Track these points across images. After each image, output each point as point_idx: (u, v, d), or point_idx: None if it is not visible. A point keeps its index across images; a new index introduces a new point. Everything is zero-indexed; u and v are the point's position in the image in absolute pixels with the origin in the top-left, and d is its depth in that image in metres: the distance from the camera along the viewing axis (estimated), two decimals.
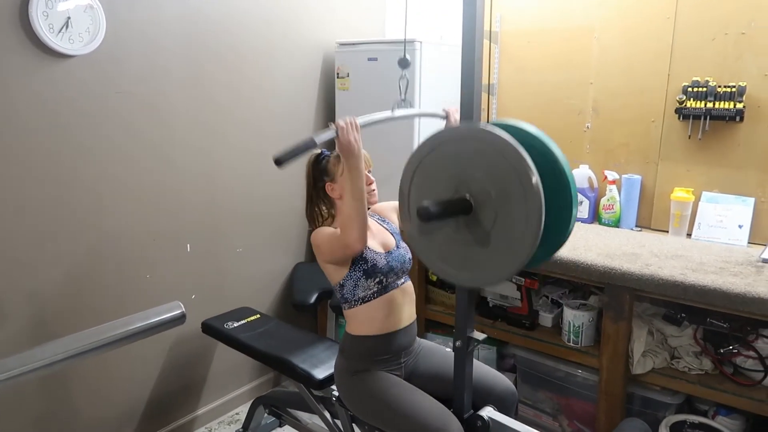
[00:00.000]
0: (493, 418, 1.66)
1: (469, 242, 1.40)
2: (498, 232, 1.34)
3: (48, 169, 1.98)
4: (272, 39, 2.64)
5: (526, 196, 1.27)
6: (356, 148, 1.54)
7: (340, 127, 1.51)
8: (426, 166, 1.45)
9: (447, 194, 1.40)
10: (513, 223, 1.30)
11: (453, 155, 1.39)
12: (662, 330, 2.18)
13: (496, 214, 1.33)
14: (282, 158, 1.40)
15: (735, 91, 2.25)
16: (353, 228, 1.59)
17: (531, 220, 1.26)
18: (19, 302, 1.97)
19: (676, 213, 2.41)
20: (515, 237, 1.30)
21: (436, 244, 1.46)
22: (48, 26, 1.87)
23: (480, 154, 1.34)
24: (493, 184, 1.33)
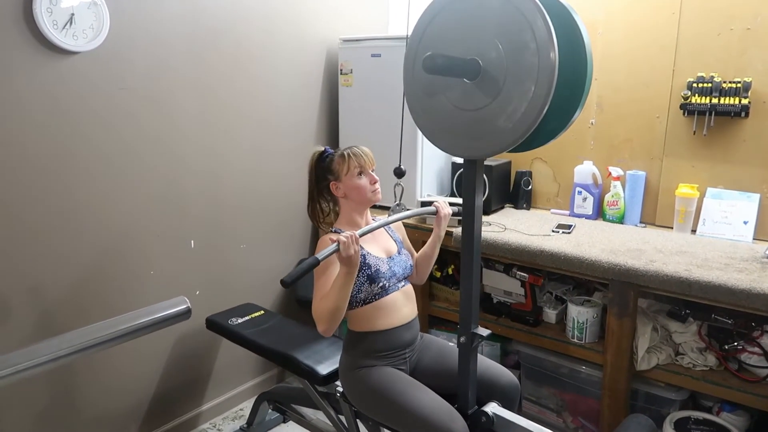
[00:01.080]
0: (498, 414, 1.66)
1: (474, 109, 1.36)
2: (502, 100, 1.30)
3: (53, 165, 1.98)
4: (276, 35, 2.64)
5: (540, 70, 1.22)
6: (356, 261, 1.59)
7: (342, 243, 1.55)
8: (438, 23, 1.41)
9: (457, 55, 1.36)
10: (521, 93, 1.27)
11: (467, 13, 1.35)
12: (666, 326, 2.18)
13: (505, 81, 1.29)
14: (288, 280, 1.48)
15: (740, 87, 2.24)
16: (323, 322, 1.65)
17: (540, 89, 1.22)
18: (23, 297, 1.97)
19: (681, 209, 2.40)
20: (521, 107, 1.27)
21: (440, 111, 1.43)
22: (52, 22, 1.88)
23: (497, 14, 1.29)
24: (507, 50, 1.28)
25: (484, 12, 1.33)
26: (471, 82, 1.37)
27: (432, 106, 1.46)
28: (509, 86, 1.30)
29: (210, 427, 2.62)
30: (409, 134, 2.63)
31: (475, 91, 1.36)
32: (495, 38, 1.31)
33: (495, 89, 1.32)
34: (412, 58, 1.49)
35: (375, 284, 1.74)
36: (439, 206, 1.90)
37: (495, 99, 1.33)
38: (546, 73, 1.23)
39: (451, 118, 1.42)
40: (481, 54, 1.34)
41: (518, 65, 1.27)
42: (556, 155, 2.80)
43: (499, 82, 1.31)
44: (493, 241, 2.32)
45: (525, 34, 1.25)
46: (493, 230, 2.42)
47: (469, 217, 1.59)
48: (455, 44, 1.38)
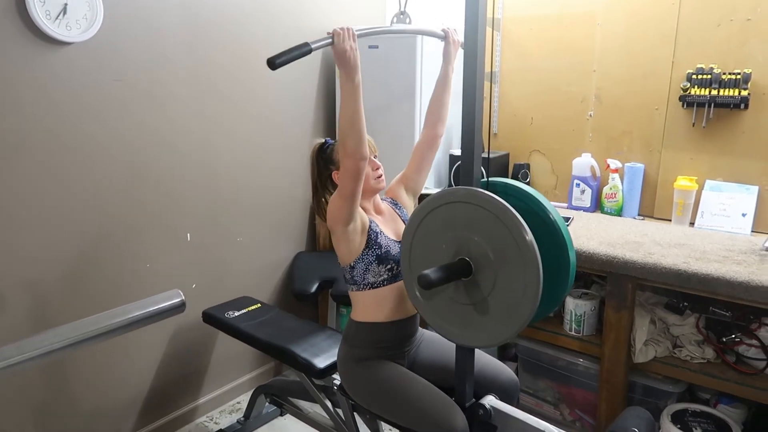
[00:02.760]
0: (495, 406, 1.66)
1: (468, 304, 1.45)
2: (497, 295, 1.39)
3: (46, 158, 1.97)
4: (272, 27, 2.61)
5: (523, 257, 1.31)
6: (352, 56, 1.49)
7: (336, 34, 1.47)
8: (426, 227, 1.50)
9: (448, 255, 1.45)
10: (512, 285, 1.35)
11: (451, 218, 1.45)
12: (664, 319, 2.18)
13: (496, 276, 1.38)
14: (276, 60, 1.35)
15: (740, 79, 2.23)
16: (353, 135, 1.52)
17: (530, 283, 1.31)
18: (18, 290, 1.96)
19: (679, 201, 2.39)
20: (514, 301, 1.35)
21: (437, 306, 1.51)
22: (45, 13, 1.85)
23: (476, 216, 1.39)
24: (491, 245, 1.37)
25: (461, 216, 1.42)
26: (465, 281, 1.44)
27: (433, 304, 1.53)
28: (502, 277, 1.37)
29: (207, 421, 2.62)
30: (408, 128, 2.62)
31: (470, 288, 1.43)
32: (477, 237, 1.39)
33: (489, 281, 1.39)
34: (408, 262, 1.56)
35: (383, 266, 1.71)
36: (450, 32, 1.75)
37: (491, 291, 1.40)
38: (530, 257, 1.30)
39: (451, 311, 1.49)
40: (470, 252, 1.41)
41: (504, 256, 1.35)
42: (554, 148, 2.79)
43: (491, 277, 1.38)
44: None
45: (501, 229, 1.34)
46: None
47: None
48: (445, 244, 1.46)
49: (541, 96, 2.80)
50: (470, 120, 1.45)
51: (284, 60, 1.36)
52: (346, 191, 1.59)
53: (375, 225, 1.72)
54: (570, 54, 2.67)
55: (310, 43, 1.40)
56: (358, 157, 1.54)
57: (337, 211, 1.63)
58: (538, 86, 2.80)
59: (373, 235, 1.70)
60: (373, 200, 1.84)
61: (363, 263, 1.71)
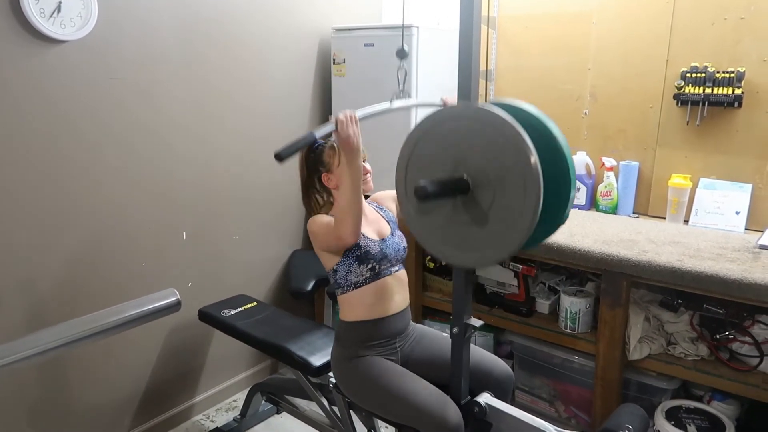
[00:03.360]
0: (490, 404, 1.67)
1: (466, 222, 1.40)
2: (496, 212, 1.34)
3: (41, 156, 1.96)
4: (268, 24, 2.61)
5: (525, 176, 1.26)
6: (355, 142, 1.54)
7: (339, 121, 1.50)
8: (423, 146, 1.45)
9: (444, 174, 1.39)
10: (511, 203, 1.30)
11: (450, 135, 1.39)
12: (659, 316, 2.19)
13: (494, 194, 1.33)
14: (282, 153, 1.42)
15: (734, 77, 2.24)
16: (347, 222, 1.61)
17: (529, 200, 1.26)
18: (13, 289, 1.96)
19: (674, 199, 2.40)
20: (513, 217, 1.30)
21: (434, 225, 1.46)
22: (39, 11, 1.85)
23: (478, 133, 1.34)
24: (491, 164, 1.32)
25: (465, 133, 1.37)
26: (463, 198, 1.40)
27: (428, 222, 1.49)
28: (500, 198, 1.33)
29: (203, 419, 2.62)
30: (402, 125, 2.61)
31: (468, 205, 1.39)
32: (480, 155, 1.35)
33: (486, 202, 1.36)
34: (403, 181, 1.51)
35: (364, 265, 1.73)
36: (447, 100, 1.82)
37: (488, 212, 1.36)
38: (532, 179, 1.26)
39: (447, 231, 1.45)
40: (469, 170, 1.37)
41: (505, 176, 1.31)
42: None
43: (489, 195, 1.35)
44: None
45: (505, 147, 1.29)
46: None
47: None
48: (442, 162, 1.41)
49: (536, 94, 2.80)
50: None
51: (290, 152, 1.44)
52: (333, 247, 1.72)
53: None
54: (565, 52, 2.68)
55: (314, 132, 1.46)
56: (350, 239, 1.63)
57: (322, 243, 1.74)
58: (533, 84, 2.80)
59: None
60: None
61: (344, 265, 1.73)
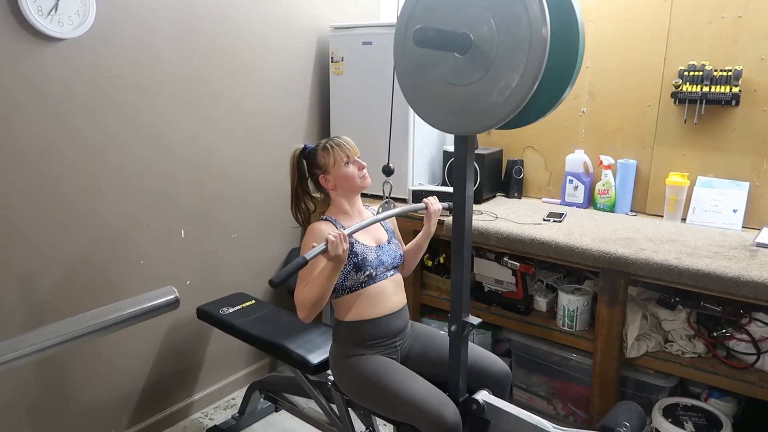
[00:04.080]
0: (488, 401, 1.67)
1: (465, 84, 1.36)
2: (496, 72, 1.29)
3: (39, 155, 1.96)
4: (266, 22, 2.61)
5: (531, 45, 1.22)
6: (343, 259, 1.59)
7: (330, 243, 1.55)
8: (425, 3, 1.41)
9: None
10: (514, 64, 1.26)
11: None
12: (656, 314, 2.19)
13: (496, 55, 1.29)
14: (277, 280, 1.49)
15: (731, 75, 2.24)
16: (307, 310, 1.67)
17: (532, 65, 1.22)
18: (11, 287, 1.96)
19: (671, 197, 2.41)
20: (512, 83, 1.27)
21: (431, 86, 1.43)
22: (37, 8, 1.84)
23: None
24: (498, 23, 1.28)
25: None
26: (462, 57, 1.36)
27: (423, 82, 1.45)
28: (500, 61, 1.29)
29: (202, 417, 2.62)
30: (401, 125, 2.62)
31: (467, 66, 1.35)
32: (486, 12, 1.30)
33: (486, 64, 1.31)
34: (402, 34, 1.47)
35: (361, 272, 1.74)
36: (429, 202, 1.92)
37: (486, 73, 1.32)
38: (537, 47, 1.22)
39: (442, 93, 1.42)
40: (473, 28, 1.33)
41: (510, 40, 1.27)
42: (547, 144, 2.80)
43: (490, 57, 1.31)
44: (484, 229, 2.32)
45: (517, 8, 1.25)
46: (484, 219, 2.42)
47: (460, 205, 1.59)
48: (446, 19, 1.37)
49: None
50: None
51: (284, 277, 1.50)
52: None
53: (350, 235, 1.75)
54: None
55: (306, 256, 1.52)
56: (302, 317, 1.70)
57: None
58: None
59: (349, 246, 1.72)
60: (356, 203, 1.86)
61: (342, 273, 1.73)
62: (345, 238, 1.56)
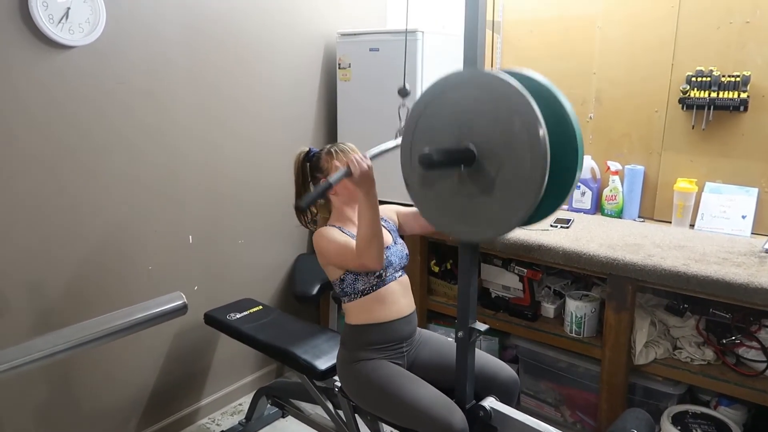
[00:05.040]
0: (495, 408, 1.66)
1: (471, 194, 1.38)
2: (501, 183, 1.31)
3: (50, 161, 1.98)
4: (274, 29, 2.62)
5: (532, 148, 1.23)
6: (371, 176, 1.58)
7: (352, 161, 1.55)
8: (430, 114, 1.43)
9: (450, 144, 1.38)
10: (516, 175, 1.28)
11: (457, 103, 1.36)
12: (665, 320, 2.18)
13: (500, 165, 1.30)
14: (303, 204, 1.55)
15: (739, 81, 2.23)
16: (371, 252, 1.63)
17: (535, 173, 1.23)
18: (21, 292, 1.97)
19: (679, 203, 2.40)
20: (519, 190, 1.28)
21: (438, 198, 1.45)
22: (48, 17, 1.86)
23: (485, 101, 1.31)
24: (498, 134, 1.29)
25: (471, 101, 1.35)
26: (467, 169, 1.38)
27: (432, 194, 1.48)
28: (506, 169, 1.31)
29: (209, 422, 2.63)
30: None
31: (473, 176, 1.37)
32: (486, 124, 1.32)
33: (492, 173, 1.33)
34: (408, 150, 1.50)
35: (372, 274, 1.74)
36: None
37: (493, 182, 1.34)
38: (539, 151, 1.23)
39: (451, 203, 1.44)
40: (475, 140, 1.35)
41: (511, 147, 1.28)
42: None
43: (495, 166, 1.32)
44: None
45: (512, 116, 1.27)
46: None
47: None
48: (448, 132, 1.40)
49: None
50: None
51: (310, 201, 1.56)
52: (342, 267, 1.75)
53: None
54: (570, 56, 2.68)
55: (329, 179, 1.55)
56: (376, 267, 1.67)
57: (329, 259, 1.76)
58: None
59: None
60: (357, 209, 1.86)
61: (352, 274, 1.74)
62: (366, 156, 1.57)
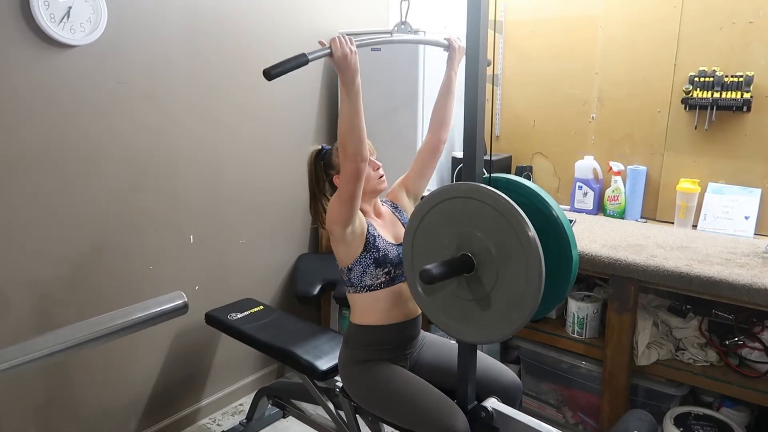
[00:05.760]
0: (497, 409, 1.66)
1: (471, 299, 1.44)
2: (499, 291, 1.38)
3: (50, 160, 1.97)
4: (275, 29, 2.62)
5: (525, 252, 1.30)
6: (352, 61, 1.49)
7: (333, 41, 1.46)
8: (427, 224, 1.50)
9: (450, 251, 1.44)
10: (515, 281, 1.34)
11: (453, 213, 1.44)
12: (667, 321, 2.17)
13: (498, 271, 1.37)
14: (272, 71, 1.34)
15: (742, 81, 2.23)
16: (349, 140, 1.54)
17: (531, 281, 1.30)
18: (21, 292, 1.97)
19: (682, 204, 2.39)
20: (517, 297, 1.34)
21: (439, 301, 1.51)
22: (49, 16, 1.86)
23: (478, 212, 1.38)
24: (494, 241, 1.36)
25: (463, 212, 1.41)
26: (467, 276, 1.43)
27: (434, 299, 1.53)
28: (503, 275, 1.36)
29: (210, 422, 2.62)
30: (409, 130, 2.62)
31: (473, 282, 1.43)
32: (482, 231, 1.38)
33: (491, 279, 1.38)
34: (410, 252, 1.55)
35: (381, 269, 1.71)
36: (452, 39, 1.79)
37: (492, 289, 1.39)
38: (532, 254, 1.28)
39: (453, 307, 1.49)
40: (473, 247, 1.40)
41: (507, 252, 1.34)
42: (556, 150, 2.79)
43: (493, 272, 1.38)
44: None
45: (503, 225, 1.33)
46: None
47: None
48: (448, 235, 1.45)
49: (543, 98, 2.80)
50: (472, 119, 1.45)
51: (280, 71, 1.36)
52: (346, 193, 1.60)
53: (373, 228, 1.73)
54: (572, 57, 2.68)
55: (307, 54, 1.40)
56: (358, 159, 1.55)
57: (336, 213, 1.64)
58: (540, 89, 2.80)
59: (371, 238, 1.70)
60: (373, 203, 1.84)
61: (360, 266, 1.71)
62: (351, 41, 1.49)
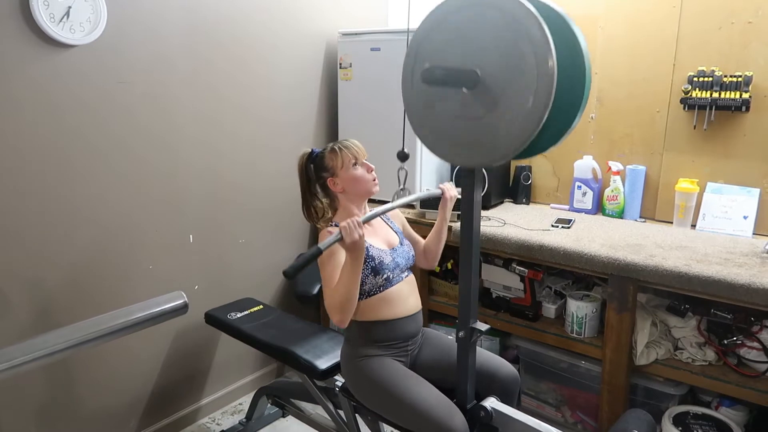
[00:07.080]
0: (496, 408, 1.66)
1: (470, 118, 1.36)
2: (502, 110, 1.30)
3: (50, 160, 1.97)
4: (274, 29, 2.62)
5: (538, 78, 1.22)
6: (361, 246, 1.57)
7: (344, 229, 1.53)
8: (434, 36, 1.41)
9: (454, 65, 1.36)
10: (519, 103, 1.26)
11: (463, 25, 1.34)
12: (666, 321, 2.18)
13: (503, 91, 1.29)
14: (291, 272, 1.45)
15: (741, 81, 2.23)
16: (337, 313, 1.63)
17: (539, 102, 1.22)
18: (21, 291, 1.97)
19: (681, 204, 2.39)
20: (519, 118, 1.27)
21: (437, 120, 1.43)
22: (49, 15, 1.86)
23: (494, 24, 1.29)
24: (504, 59, 1.28)
25: (480, 24, 1.33)
26: (469, 92, 1.37)
27: (431, 117, 1.46)
28: (508, 95, 1.30)
29: (209, 422, 2.62)
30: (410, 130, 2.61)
31: (474, 101, 1.36)
32: (492, 48, 1.31)
33: (494, 98, 1.32)
34: (410, 71, 1.49)
35: (379, 276, 1.74)
36: (445, 188, 1.91)
37: (494, 108, 1.33)
38: (545, 81, 1.22)
39: (451, 127, 1.42)
40: (480, 64, 1.33)
41: (517, 74, 1.27)
42: (555, 150, 2.76)
43: (497, 92, 1.31)
44: (492, 235, 2.31)
45: (522, 43, 1.25)
46: (492, 225, 2.41)
47: (468, 215, 1.58)
48: (453, 55, 1.38)
49: None
50: None
51: (298, 267, 1.45)
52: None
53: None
54: None
55: (320, 246, 1.49)
56: (336, 321, 1.65)
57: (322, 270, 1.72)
58: None
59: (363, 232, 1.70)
60: (364, 207, 1.86)
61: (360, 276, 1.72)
62: (359, 224, 1.54)
